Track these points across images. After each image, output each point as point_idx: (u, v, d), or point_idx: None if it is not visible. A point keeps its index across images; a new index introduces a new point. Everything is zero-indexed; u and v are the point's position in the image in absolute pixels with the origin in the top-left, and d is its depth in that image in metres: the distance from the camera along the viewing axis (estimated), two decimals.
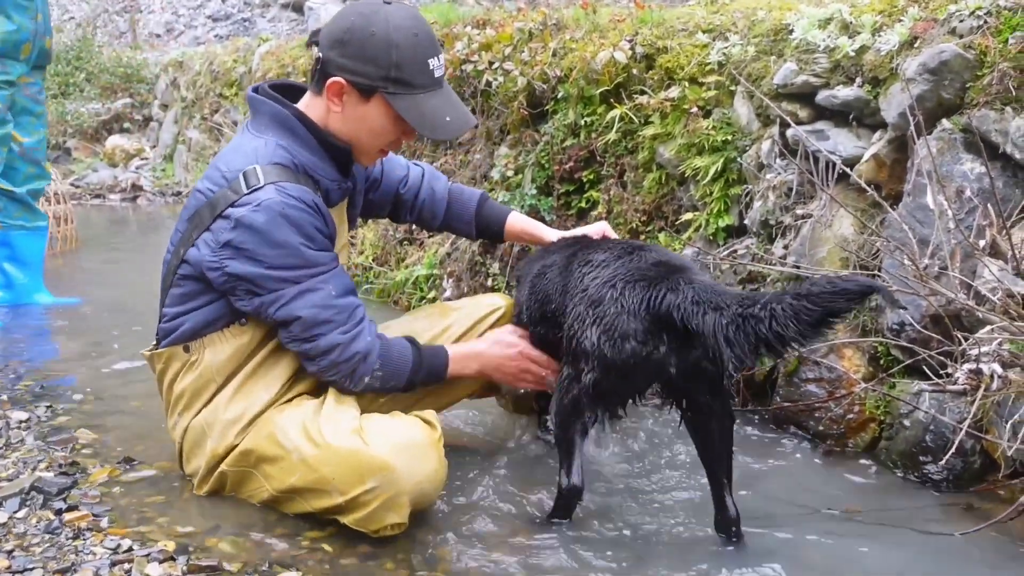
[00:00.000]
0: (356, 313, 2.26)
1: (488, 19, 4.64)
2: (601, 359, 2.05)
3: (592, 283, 2.15)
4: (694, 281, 2.02)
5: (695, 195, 3.38)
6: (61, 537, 2.10)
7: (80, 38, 12.65)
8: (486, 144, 4.43)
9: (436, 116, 2.25)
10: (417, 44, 2.21)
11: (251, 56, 8.37)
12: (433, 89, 2.25)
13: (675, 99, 3.44)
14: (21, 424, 2.80)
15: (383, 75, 2.19)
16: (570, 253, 2.39)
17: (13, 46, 3.81)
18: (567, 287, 2.26)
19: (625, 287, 2.07)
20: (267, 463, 2.22)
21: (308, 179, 2.25)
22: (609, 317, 2.05)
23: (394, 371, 2.31)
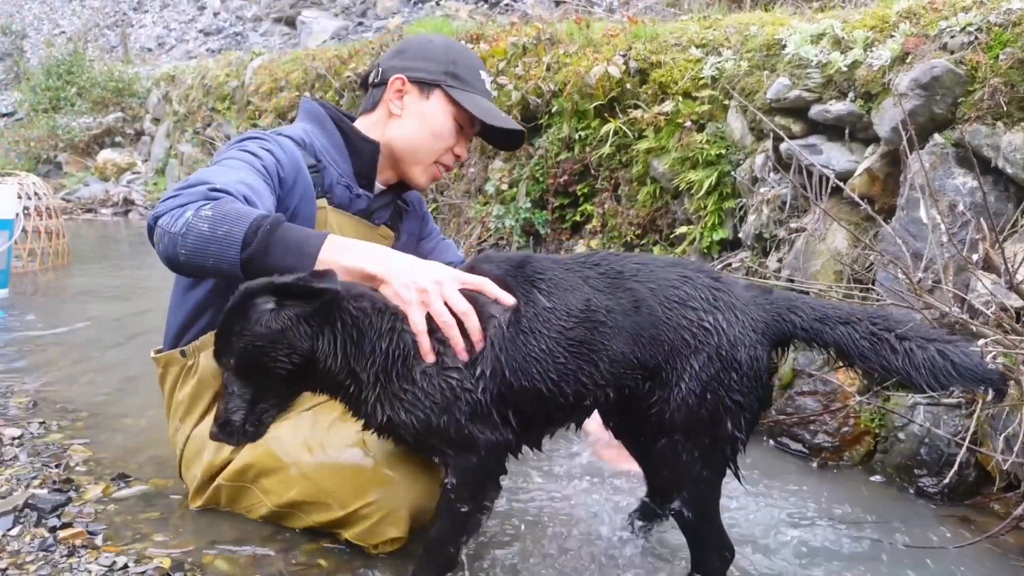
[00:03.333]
0: (234, 174, 1.98)
1: (482, 34, 4.67)
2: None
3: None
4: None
5: (689, 208, 3.39)
6: (55, 555, 2.07)
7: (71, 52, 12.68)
8: (480, 158, 4.44)
9: (492, 110, 2.31)
10: (471, 56, 2.36)
11: (244, 70, 8.38)
12: (486, 96, 2.32)
13: (669, 113, 3.46)
14: (14, 441, 2.78)
15: (443, 70, 2.27)
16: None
17: None
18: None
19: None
20: (265, 477, 2.21)
21: (314, 160, 2.23)
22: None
23: (227, 216, 1.78)
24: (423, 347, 1.74)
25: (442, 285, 1.76)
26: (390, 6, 11.73)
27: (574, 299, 1.77)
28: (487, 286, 1.78)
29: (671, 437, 1.77)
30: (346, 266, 1.78)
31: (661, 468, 1.85)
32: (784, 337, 1.80)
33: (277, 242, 1.77)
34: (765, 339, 1.78)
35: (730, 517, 2.37)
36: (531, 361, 1.74)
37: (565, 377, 1.75)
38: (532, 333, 1.75)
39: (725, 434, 1.77)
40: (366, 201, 2.35)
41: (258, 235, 1.76)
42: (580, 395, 1.78)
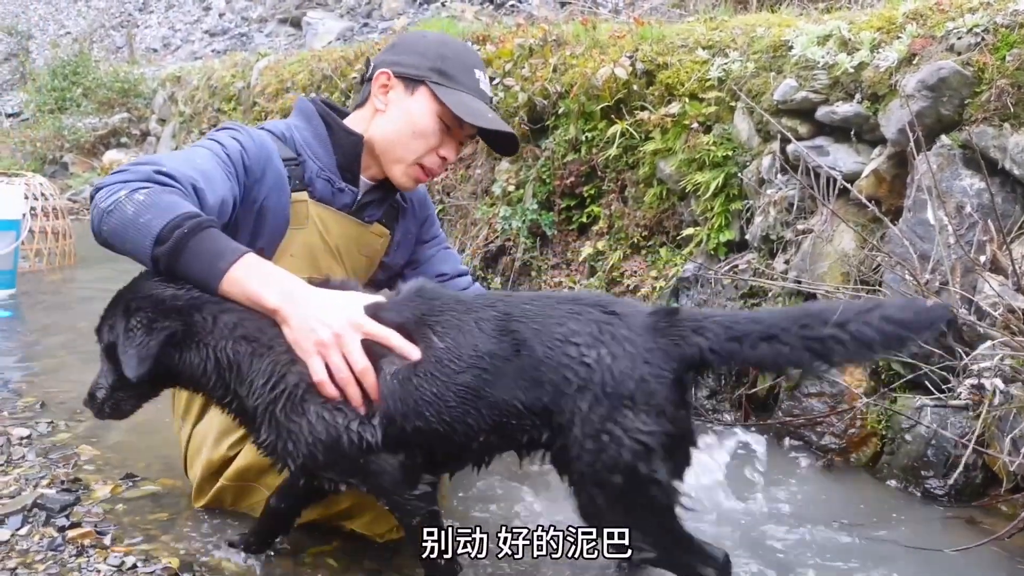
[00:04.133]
0: (189, 161, 1.97)
1: (488, 35, 4.68)
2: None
3: None
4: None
5: (696, 210, 3.40)
6: (64, 554, 2.08)
7: (77, 53, 12.71)
8: (487, 159, 4.45)
9: (478, 110, 2.18)
10: (466, 52, 2.25)
11: (249, 71, 8.39)
12: (477, 96, 2.20)
13: (676, 115, 3.46)
14: (22, 440, 2.79)
15: (430, 65, 2.18)
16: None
17: None
18: None
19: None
20: (269, 475, 2.21)
21: (293, 153, 2.20)
22: None
23: (156, 205, 1.75)
24: (326, 393, 1.72)
25: (342, 339, 1.71)
26: (395, 7, 11.74)
27: (465, 343, 1.73)
28: (393, 340, 1.74)
29: (585, 490, 1.69)
30: (249, 294, 1.74)
31: (592, 524, 1.74)
32: (693, 362, 1.69)
33: (192, 247, 1.74)
34: (664, 369, 1.66)
35: (736, 517, 2.38)
36: (423, 405, 1.71)
37: (456, 420, 1.72)
38: (425, 378, 1.72)
39: (639, 476, 1.65)
40: (351, 196, 2.29)
41: (174, 235, 1.72)
42: (469, 438, 1.74)
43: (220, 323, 1.76)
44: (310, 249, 2.23)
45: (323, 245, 2.26)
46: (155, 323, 1.74)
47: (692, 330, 1.68)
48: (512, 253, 4.08)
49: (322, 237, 2.25)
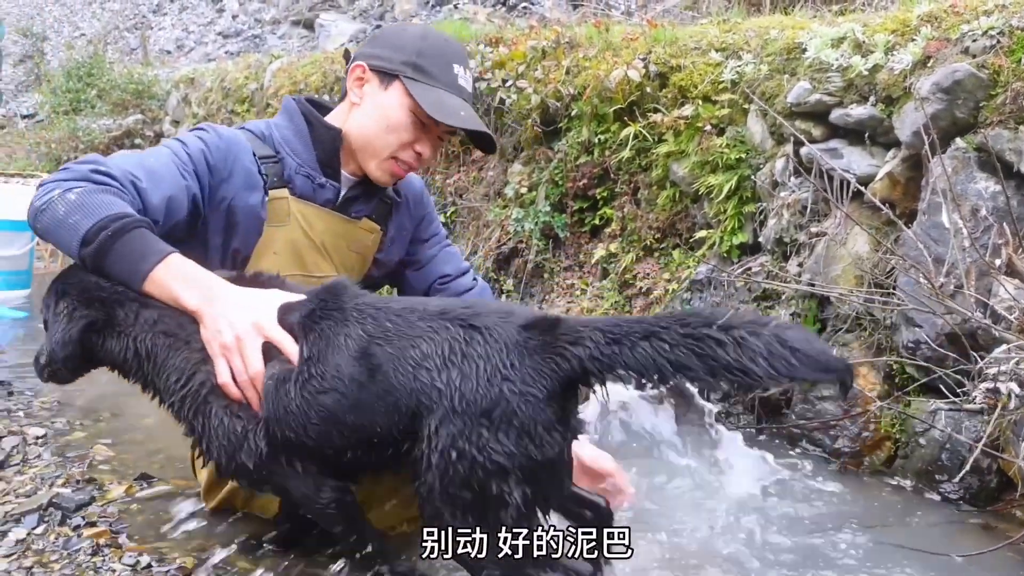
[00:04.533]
0: (134, 160, 1.99)
1: (501, 37, 4.68)
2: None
3: None
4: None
5: (709, 212, 3.39)
6: (80, 554, 2.09)
7: (91, 55, 12.76)
8: (499, 161, 4.45)
9: (449, 106, 2.15)
10: (446, 47, 2.20)
11: (263, 73, 8.41)
12: (453, 92, 2.17)
13: (689, 117, 3.46)
14: (38, 440, 2.81)
15: (404, 59, 2.15)
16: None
17: None
18: None
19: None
20: None
21: (272, 151, 2.20)
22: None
23: (85, 205, 1.78)
24: (230, 395, 1.73)
25: (242, 342, 1.72)
26: (408, 9, 11.75)
27: (331, 362, 1.71)
28: (286, 345, 1.73)
29: (432, 504, 1.63)
30: (170, 293, 1.78)
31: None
32: (574, 376, 1.60)
33: (116, 249, 1.76)
34: (531, 387, 1.59)
35: (750, 521, 2.38)
36: (291, 416, 1.70)
37: (321, 435, 1.70)
38: (295, 388, 1.70)
39: (490, 495, 1.58)
40: (333, 191, 2.26)
41: (99, 236, 1.75)
42: (337, 453, 1.73)
43: (142, 317, 1.79)
44: (294, 246, 2.21)
45: (307, 242, 2.23)
46: (77, 311, 1.80)
47: (569, 342, 1.60)
48: (524, 255, 4.08)
49: (305, 234, 2.23)
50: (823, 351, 1.54)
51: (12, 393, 3.28)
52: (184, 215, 2.04)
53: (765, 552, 2.19)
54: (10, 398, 3.23)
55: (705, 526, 2.36)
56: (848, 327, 2.87)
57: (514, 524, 1.60)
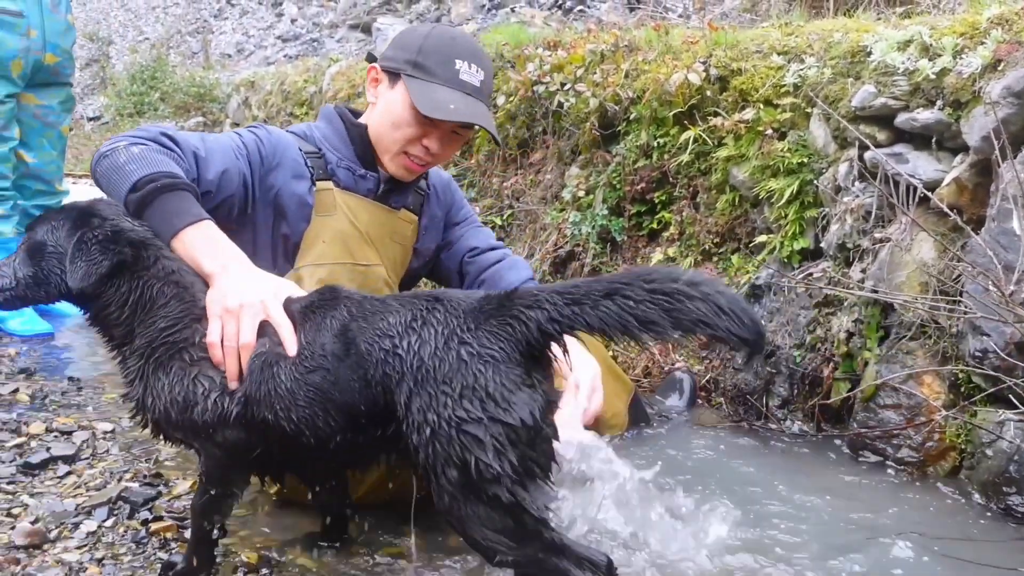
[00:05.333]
0: (198, 138, 2.20)
1: (559, 41, 4.68)
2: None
3: None
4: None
5: (769, 217, 3.36)
6: (148, 547, 2.14)
7: (155, 58, 13.04)
8: (557, 164, 4.45)
9: (439, 100, 2.25)
10: (450, 43, 2.30)
11: (321, 76, 8.51)
12: (454, 87, 2.27)
13: (749, 121, 3.43)
14: (106, 435, 2.88)
15: (407, 58, 2.30)
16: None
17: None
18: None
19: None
20: None
21: (314, 147, 2.37)
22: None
23: (144, 159, 1.95)
24: (212, 355, 1.80)
25: (243, 311, 1.80)
26: (464, 12, 11.81)
27: (317, 342, 1.76)
28: (283, 330, 1.79)
29: (433, 487, 1.64)
30: (193, 254, 1.89)
31: (458, 529, 1.67)
32: (533, 340, 1.61)
33: (159, 202, 1.90)
34: (491, 349, 1.61)
35: (812, 528, 2.35)
36: (276, 398, 1.75)
37: (305, 419, 1.73)
38: (284, 371, 1.76)
39: (472, 471, 1.58)
40: (373, 180, 2.43)
41: (147, 187, 1.89)
42: (322, 440, 1.76)
43: (160, 264, 1.89)
44: (341, 235, 2.36)
45: (354, 231, 2.39)
46: (112, 245, 1.85)
47: (525, 306, 1.63)
48: (581, 259, 4.08)
49: (352, 223, 2.39)
50: (751, 311, 1.58)
51: (81, 389, 3.37)
52: (235, 192, 2.20)
53: (827, 559, 2.16)
54: (80, 394, 3.31)
55: (763, 531, 2.35)
56: (912, 335, 2.82)
57: (508, 499, 1.59)
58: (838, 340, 3.01)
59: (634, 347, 3.44)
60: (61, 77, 4.07)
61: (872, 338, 2.93)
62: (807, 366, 3.09)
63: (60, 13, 3.95)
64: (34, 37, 3.84)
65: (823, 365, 3.05)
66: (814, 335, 3.10)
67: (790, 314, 3.18)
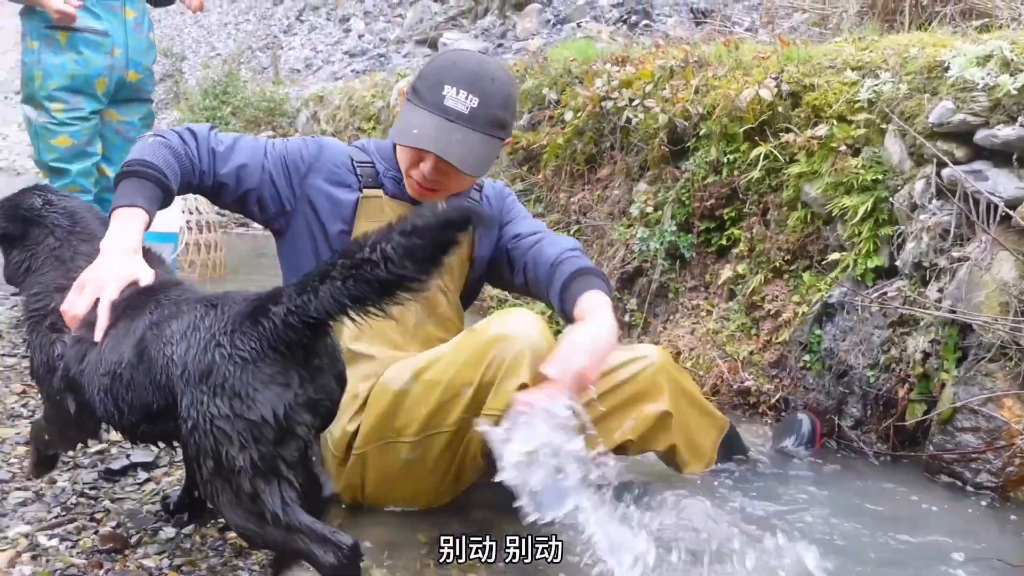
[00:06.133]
0: (220, 135, 2.41)
1: (627, 56, 4.68)
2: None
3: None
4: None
5: (843, 235, 3.31)
6: (225, 554, 2.19)
7: (226, 74, 13.32)
8: (625, 180, 4.45)
9: (409, 125, 2.30)
10: (447, 68, 2.31)
11: (389, 91, 8.63)
12: (435, 112, 2.26)
13: (822, 137, 3.39)
14: None
15: (413, 81, 2.37)
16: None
17: (84, 81, 3.88)
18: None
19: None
20: (394, 418, 2.31)
21: (368, 158, 2.47)
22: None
23: (145, 149, 2.24)
24: (66, 320, 1.99)
25: (85, 287, 1.97)
26: (529, 27, 11.88)
27: (119, 349, 1.89)
28: (101, 312, 1.95)
29: (204, 482, 1.78)
30: (109, 230, 2.11)
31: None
32: (283, 335, 1.68)
33: (121, 184, 2.16)
34: (241, 349, 1.69)
35: (884, 551, 2.31)
36: (86, 381, 1.93)
37: (105, 408, 1.90)
38: (81, 366, 1.94)
39: (223, 463, 1.69)
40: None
41: (123, 169, 2.18)
42: (125, 428, 1.94)
43: (47, 240, 2.15)
44: None
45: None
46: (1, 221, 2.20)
47: (272, 303, 1.70)
48: (649, 275, 4.07)
49: None
50: (439, 209, 1.63)
51: None
52: (257, 186, 2.38)
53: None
54: None
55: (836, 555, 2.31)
56: (992, 356, 2.76)
57: (253, 491, 1.71)
58: (914, 361, 2.95)
59: (704, 365, 3.45)
60: (142, 94, 4.18)
61: (949, 359, 2.87)
62: (881, 386, 3.04)
63: (142, 32, 4.07)
64: (118, 55, 3.95)
65: (898, 386, 3.00)
66: (888, 355, 3.05)
67: (863, 333, 3.13)
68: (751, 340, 3.56)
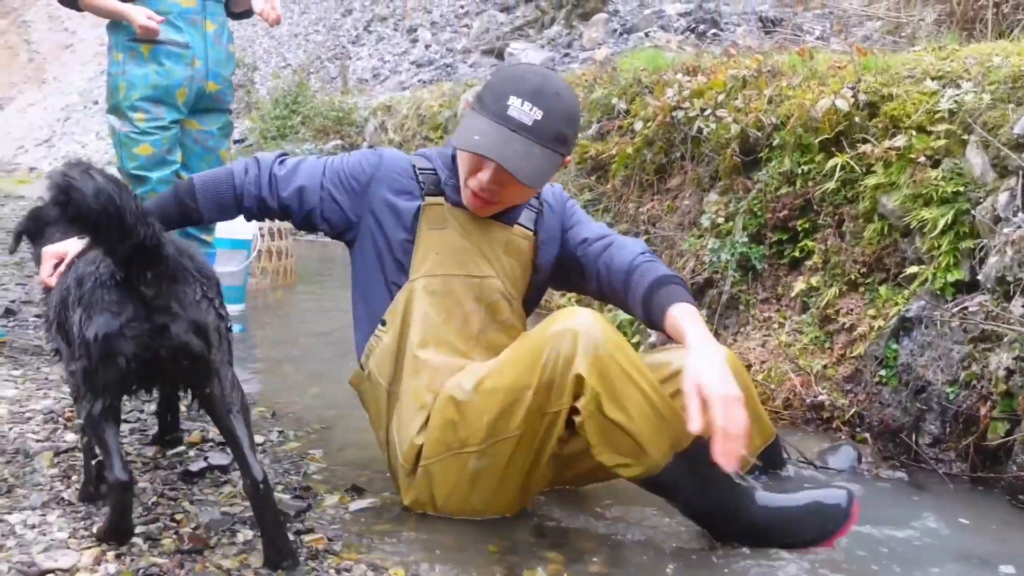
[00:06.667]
0: (286, 162, 2.55)
1: (698, 66, 4.66)
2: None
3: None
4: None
5: (921, 248, 3.24)
6: (299, 557, 2.21)
7: (296, 84, 13.56)
8: (695, 190, 4.42)
9: (470, 131, 2.31)
10: (513, 80, 2.31)
11: (456, 101, 8.70)
12: (498, 121, 2.26)
13: (901, 148, 3.33)
14: (257, 447, 2.98)
15: (477, 91, 2.40)
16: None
17: (165, 92, 3.96)
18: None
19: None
20: (457, 427, 2.31)
21: (429, 165, 2.49)
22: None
23: (205, 173, 2.56)
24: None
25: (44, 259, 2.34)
26: (596, 37, 11.88)
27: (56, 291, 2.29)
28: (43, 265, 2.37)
29: None
30: None
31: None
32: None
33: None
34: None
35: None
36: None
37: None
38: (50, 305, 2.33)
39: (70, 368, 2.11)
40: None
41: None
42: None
43: (53, 237, 2.48)
44: (454, 248, 2.45)
45: (467, 244, 2.46)
46: (24, 220, 2.67)
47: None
48: (719, 286, 4.03)
49: (464, 237, 2.46)
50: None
51: None
52: (317, 205, 2.48)
53: None
54: None
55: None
56: None
57: (76, 394, 2.12)
58: (996, 378, 2.87)
59: (776, 379, 3.40)
60: (221, 104, 4.26)
61: None
62: (961, 404, 2.96)
63: (222, 43, 4.15)
64: (198, 67, 4.03)
65: (979, 403, 2.92)
66: (969, 371, 2.97)
67: (942, 349, 3.06)
68: (824, 354, 3.50)
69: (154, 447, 2.85)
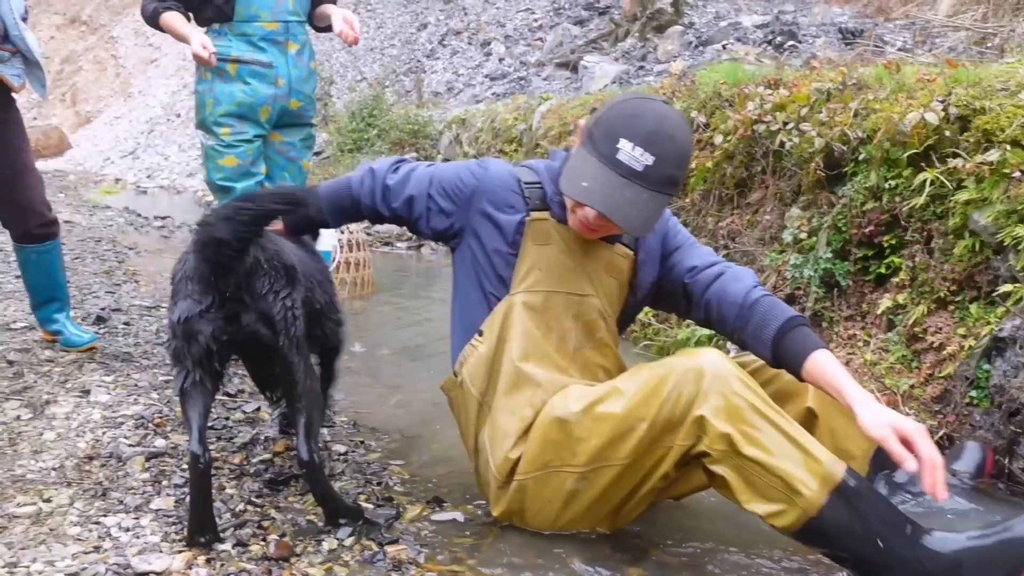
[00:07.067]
0: (400, 174, 2.60)
1: (780, 79, 4.60)
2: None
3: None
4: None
5: (1016, 265, 3.15)
6: (380, 567, 2.24)
7: (372, 97, 13.74)
8: (776, 205, 4.36)
9: (578, 176, 2.26)
10: (626, 120, 2.23)
11: (531, 114, 8.73)
12: (606, 164, 2.22)
13: (994, 163, 3.24)
14: (340, 457, 3.03)
15: (589, 126, 2.32)
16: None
17: (249, 109, 4.10)
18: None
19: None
20: (560, 448, 2.30)
21: (536, 179, 2.48)
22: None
23: (330, 182, 2.74)
24: None
25: None
26: (671, 50, 11.81)
27: None
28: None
29: None
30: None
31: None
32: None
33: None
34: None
35: None
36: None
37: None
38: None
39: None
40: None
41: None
42: None
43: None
44: (557, 265, 2.45)
45: (569, 262, 2.45)
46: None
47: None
48: (802, 303, 3.96)
49: (567, 254, 2.45)
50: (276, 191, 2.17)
51: None
52: (424, 213, 2.55)
53: None
54: None
55: None
56: None
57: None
58: None
59: None
60: (304, 119, 4.37)
61: None
62: None
63: (303, 61, 4.25)
64: (281, 85, 4.14)
65: None
66: None
67: None
68: (912, 373, 3.42)
69: (239, 455, 2.90)
